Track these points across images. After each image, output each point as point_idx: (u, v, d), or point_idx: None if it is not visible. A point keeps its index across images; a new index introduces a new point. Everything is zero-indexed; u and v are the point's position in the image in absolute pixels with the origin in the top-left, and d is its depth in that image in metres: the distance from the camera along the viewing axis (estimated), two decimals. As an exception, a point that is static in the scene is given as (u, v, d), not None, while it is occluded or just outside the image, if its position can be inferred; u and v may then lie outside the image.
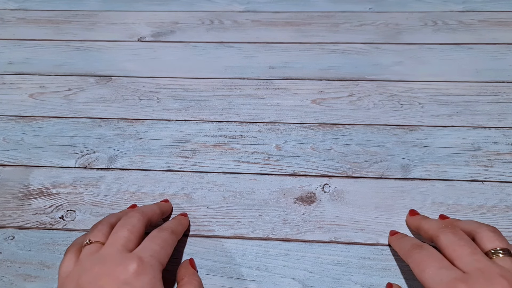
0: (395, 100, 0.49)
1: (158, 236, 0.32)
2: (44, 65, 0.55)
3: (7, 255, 0.37)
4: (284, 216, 0.39)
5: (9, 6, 0.66)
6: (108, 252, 0.29)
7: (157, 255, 0.30)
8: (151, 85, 0.52)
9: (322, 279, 0.35)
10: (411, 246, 0.31)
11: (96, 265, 0.29)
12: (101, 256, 0.29)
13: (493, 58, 0.53)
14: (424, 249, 0.30)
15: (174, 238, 0.33)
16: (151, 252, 0.30)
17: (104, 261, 0.29)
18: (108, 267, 0.28)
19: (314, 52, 0.55)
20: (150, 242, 0.31)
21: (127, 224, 0.32)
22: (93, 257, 0.29)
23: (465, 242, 0.30)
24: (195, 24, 0.61)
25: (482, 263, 0.28)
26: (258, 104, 0.49)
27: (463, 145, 0.44)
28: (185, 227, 0.37)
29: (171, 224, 0.35)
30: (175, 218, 0.37)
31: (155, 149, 0.45)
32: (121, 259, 0.29)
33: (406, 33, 0.57)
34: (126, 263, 0.28)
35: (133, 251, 0.30)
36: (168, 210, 0.39)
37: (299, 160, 0.43)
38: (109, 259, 0.29)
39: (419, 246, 0.31)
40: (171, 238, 0.33)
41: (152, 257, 0.30)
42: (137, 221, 0.32)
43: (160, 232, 0.33)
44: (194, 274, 0.34)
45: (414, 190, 0.40)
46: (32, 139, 0.46)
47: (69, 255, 0.31)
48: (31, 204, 0.41)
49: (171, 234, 0.33)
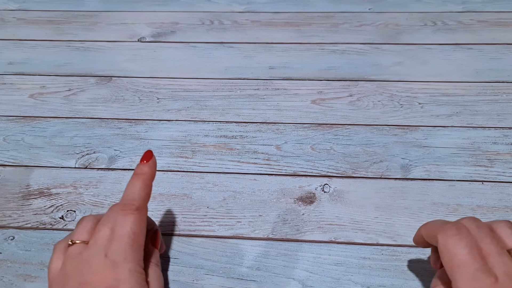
0: (394, 100, 0.49)
1: (125, 231, 0.29)
2: (45, 65, 0.55)
3: (7, 255, 0.37)
4: (284, 216, 0.39)
5: (9, 6, 0.66)
6: (89, 255, 0.29)
7: (129, 256, 0.29)
8: (151, 86, 0.52)
9: (322, 279, 0.35)
10: (445, 223, 0.28)
11: (78, 271, 0.28)
12: (84, 260, 0.29)
13: (493, 58, 0.53)
14: (462, 231, 0.27)
15: (140, 217, 0.30)
16: (124, 255, 0.29)
17: (85, 266, 0.29)
18: (88, 276, 0.28)
19: (314, 52, 0.55)
20: (119, 242, 0.29)
21: (108, 221, 0.30)
22: (76, 261, 0.29)
23: (491, 239, 0.27)
24: (195, 24, 0.61)
25: (509, 267, 0.26)
26: (258, 105, 0.49)
27: (463, 145, 0.44)
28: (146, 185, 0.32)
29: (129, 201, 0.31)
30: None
31: (155, 149, 0.45)
32: (99, 266, 0.28)
33: (406, 34, 0.57)
34: (105, 273, 0.28)
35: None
36: (153, 167, 0.33)
37: (299, 160, 0.43)
38: (90, 264, 0.28)
39: (457, 226, 0.27)
40: (138, 223, 0.30)
41: (126, 260, 0.28)
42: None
43: (124, 222, 0.30)
44: (152, 254, 0.32)
45: (414, 190, 0.40)
46: (33, 139, 0.46)
47: (56, 254, 0.30)
48: (31, 204, 0.41)
49: (137, 219, 0.30)
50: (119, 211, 0.30)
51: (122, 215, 0.30)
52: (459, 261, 0.26)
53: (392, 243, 0.37)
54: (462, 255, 0.26)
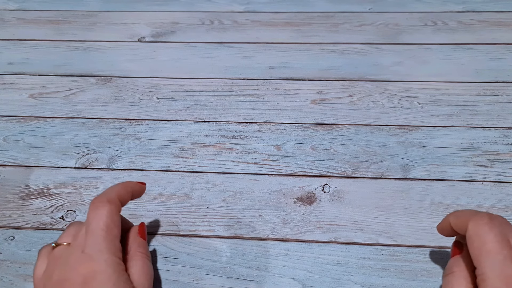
0: (395, 100, 0.49)
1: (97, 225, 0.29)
2: (44, 65, 0.55)
3: (7, 256, 0.37)
4: (284, 216, 0.39)
5: (9, 6, 0.66)
6: (68, 254, 0.29)
7: (104, 248, 0.29)
8: (151, 85, 0.52)
9: (322, 279, 0.35)
10: (477, 212, 0.29)
11: (58, 270, 0.29)
12: (63, 260, 0.29)
13: (493, 58, 0.53)
14: (494, 221, 0.27)
15: (111, 209, 0.30)
16: (98, 247, 0.29)
17: (64, 264, 0.29)
18: (66, 273, 0.28)
19: (314, 52, 0.55)
20: (92, 236, 0.29)
21: (86, 220, 0.30)
22: (57, 261, 0.29)
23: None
24: (195, 24, 0.61)
25: None
26: (258, 105, 0.49)
27: (463, 145, 0.44)
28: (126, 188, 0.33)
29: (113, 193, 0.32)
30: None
31: (155, 149, 0.45)
32: (76, 262, 0.28)
33: (406, 34, 0.57)
34: (82, 267, 0.28)
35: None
36: (137, 190, 0.35)
37: (299, 160, 0.43)
38: (68, 262, 0.29)
39: (489, 216, 0.28)
40: (110, 215, 0.30)
41: (101, 252, 0.28)
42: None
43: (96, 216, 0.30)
44: (140, 245, 0.32)
45: (414, 190, 0.40)
46: (32, 140, 0.46)
47: (41, 258, 0.31)
48: (31, 204, 0.41)
49: (107, 211, 0.30)
50: (90, 207, 0.30)
51: (93, 209, 0.30)
52: (489, 247, 0.26)
53: (392, 243, 0.37)
54: (492, 242, 0.26)
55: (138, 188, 0.35)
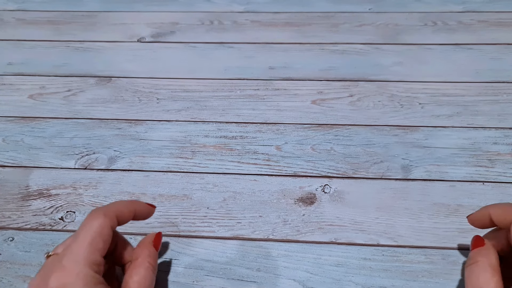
0: (395, 100, 0.49)
1: (84, 234, 0.29)
2: (44, 66, 0.55)
3: (7, 257, 0.37)
4: (285, 217, 0.39)
5: (8, 7, 0.66)
6: (51, 263, 0.29)
7: (81, 259, 0.28)
8: (151, 86, 0.52)
9: (323, 280, 0.35)
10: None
11: (39, 280, 0.28)
12: (43, 271, 0.29)
13: (493, 58, 0.53)
14: None
15: (104, 223, 0.29)
16: (75, 258, 0.28)
17: (45, 275, 0.28)
18: (43, 283, 0.28)
19: (314, 52, 0.55)
20: (75, 245, 0.29)
21: None
22: (40, 272, 0.29)
23: None
24: (195, 24, 0.61)
25: None
26: (258, 105, 0.49)
27: (464, 146, 0.44)
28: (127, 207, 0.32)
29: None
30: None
31: (155, 150, 0.45)
32: (52, 272, 0.28)
33: (406, 34, 0.57)
34: (55, 278, 0.27)
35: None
36: (143, 212, 0.34)
37: (299, 160, 0.43)
38: (47, 272, 0.28)
39: None
40: (100, 228, 0.29)
41: (76, 263, 0.28)
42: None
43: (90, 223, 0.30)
44: (150, 255, 0.32)
45: (415, 191, 0.40)
46: (32, 140, 0.46)
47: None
48: (30, 205, 0.41)
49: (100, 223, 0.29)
50: (86, 217, 0.30)
51: (87, 220, 0.30)
52: None
53: (393, 244, 0.37)
54: None
55: (144, 209, 0.34)
